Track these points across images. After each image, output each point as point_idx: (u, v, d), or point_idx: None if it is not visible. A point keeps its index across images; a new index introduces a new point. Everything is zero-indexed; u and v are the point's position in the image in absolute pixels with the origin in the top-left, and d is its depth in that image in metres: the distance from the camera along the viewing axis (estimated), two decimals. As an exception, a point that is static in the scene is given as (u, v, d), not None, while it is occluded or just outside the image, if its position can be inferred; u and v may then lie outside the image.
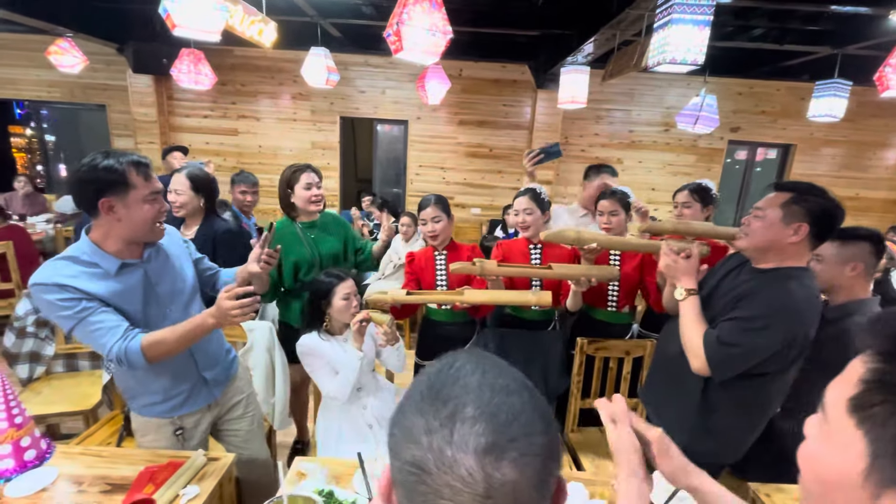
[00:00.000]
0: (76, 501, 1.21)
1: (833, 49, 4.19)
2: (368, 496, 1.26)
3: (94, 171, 1.17)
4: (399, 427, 0.41)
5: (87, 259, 1.23)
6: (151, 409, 1.41)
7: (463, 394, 0.38)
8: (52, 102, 5.71)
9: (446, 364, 0.43)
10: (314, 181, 2.03)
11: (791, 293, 1.23)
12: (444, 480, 0.36)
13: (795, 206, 1.22)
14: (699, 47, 2.16)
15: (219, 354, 1.55)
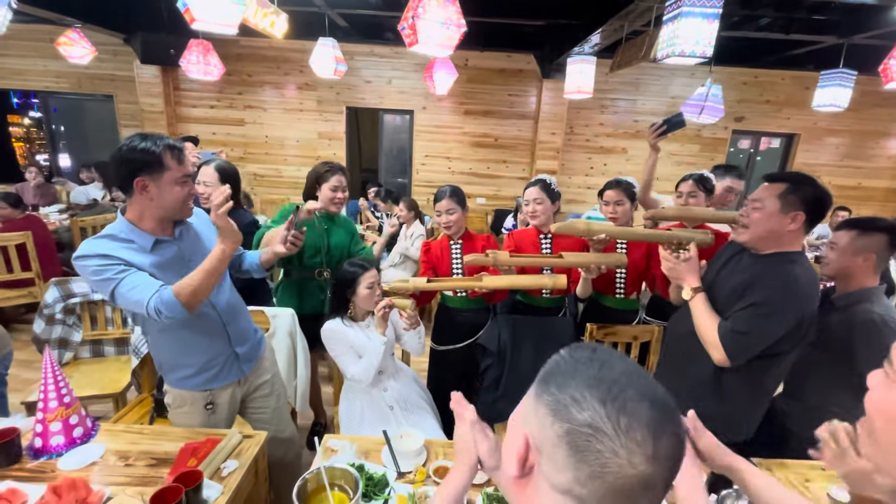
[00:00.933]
0: (125, 474, 1.30)
1: (839, 39, 4.20)
2: (396, 469, 1.35)
3: (133, 152, 1.25)
4: (566, 394, 0.47)
5: (123, 237, 1.32)
6: (186, 381, 1.50)
7: (623, 376, 0.46)
8: (59, 93, 5.74)
9: (592, 351, 0.50)
10: (342, 185, 2.09)
11: (796, 277, 1.30)
12: (621, 442, 0.43)
13: (791, 196, 1.30)
14: (708, 40, 2.20)
15: (248, 332, 1.63)
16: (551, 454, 0.47)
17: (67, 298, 2.30)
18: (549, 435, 0.47)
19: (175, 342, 1.46)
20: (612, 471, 0.43)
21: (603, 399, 0.45)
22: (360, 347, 1.77)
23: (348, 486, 1.19)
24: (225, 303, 1.52)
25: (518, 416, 0.54)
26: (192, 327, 1.44)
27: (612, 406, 0.44)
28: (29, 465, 1.30)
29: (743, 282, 1.40)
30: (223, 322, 1.51)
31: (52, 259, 3.46)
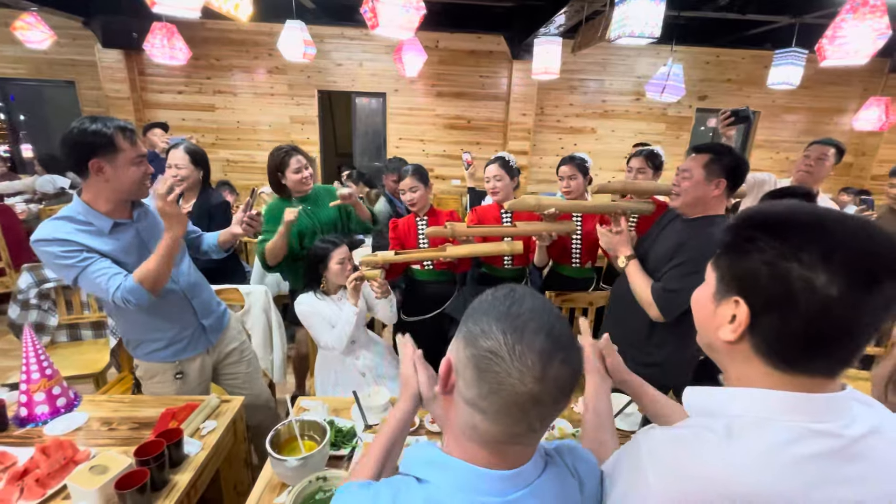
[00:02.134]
0: (109, 437, 1.39)
1: (791, 18, 4.39)
2: (364, 422, 1.48)
3: (84, 135, 1.28)
4: (477, 326, 0.56)
5: (81, 219, 1.36)
6: (155, 354, 1.59)
7: (528, 312, 0.56)
8: (17, 79, 5.54)
9: (509, 290, 0.60)
10: (302, 163, 2.11)
11: (714, 239, 1.46)
12: (514, 366, 0.53)
13: (714, 166, 1.46)
14: (655, 21, 2.32)
15: (211, 304, 1.71)
16: (463, 374, 0.57)
17: (41, 283, 2.33)
18: (462, 358, 0.58)
19: (144, 319, 1.53)
20: (506, 388, 0.53)
21: (504, 330, 0.54)
22: (332, 319, 1.88)
23: (317, 436, 1.31)
24: (186, 279, 1.60)
25: (451, 345, 0.65)
26: (158, 304, 1.50)
27: (511, 336, 0.54)
28: (16, 433, 1.39)
29: (673, 244, 1.57)
30: (188, 297, 1.59)
31: (21, 249, 3.44)
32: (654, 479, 0.54)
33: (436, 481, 0.58)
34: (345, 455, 1.34)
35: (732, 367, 0.59)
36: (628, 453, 0.62)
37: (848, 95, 5.95)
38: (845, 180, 6.24)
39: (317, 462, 1.22)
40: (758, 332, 0.54)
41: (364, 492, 0.62)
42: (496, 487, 0.57)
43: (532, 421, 0.55)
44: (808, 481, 0.50)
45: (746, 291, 0.54)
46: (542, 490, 0.59)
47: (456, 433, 0.60)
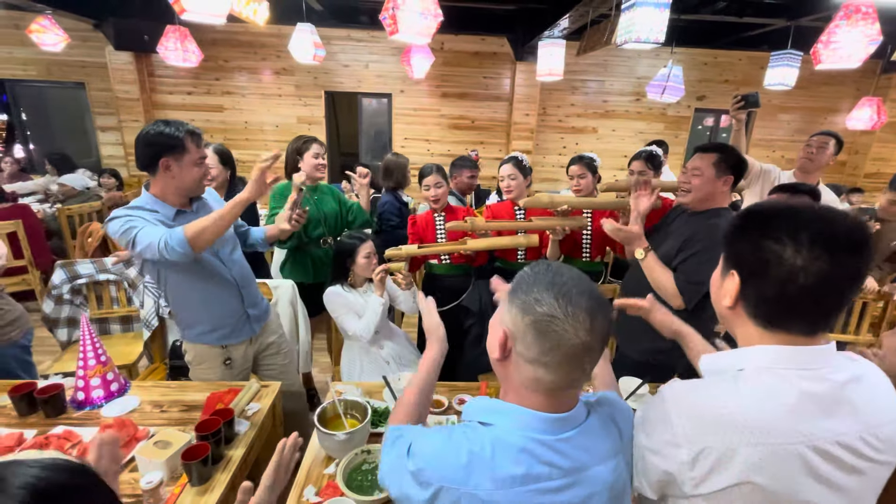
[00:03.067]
0: (162, 418, 1.50)
1: (787, 21, 4.52)
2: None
3: (159, 136, 1.44)
4: (529, 297, 0.66)
5: (149, 208, 1.50)
6: (203, 336, 1.70)
7: (570, 280, 0.67)
8: (28, 81, 5.60)
9: (546, 265, 0.71)
10: (321, 152, 2.30)
11: (720, 228, 1.59)
12: (569, 322, 0.63)
13: (723, 164, 1.58)
14: (660, 27, 2.44)
15: (258, 296, 1.84)
16: (523, 338, 0.67)
17: (74, 279, 2.43)
18: (521, 325, 0.67)
19: (196, 300, 1.65)
20: (564, 342, 0.64)
21: (556, 296, 0.65)
22: (359, 310, 1.99)
23: (358, 415, 1.43)
24: (239, 270, 1.72)
25: (495, 320, 0.75)
26: (212, 289, 1.64)
27: (562, 300, 0.65)
28: (75, 415, 1.49)
29: (682, 236, 1.69)
30: (238, 286, 1.71)
31: (42, 246, 3.53)
32: (677, 418, 0.67)
33: (498, 423, 0.70)
34: (382, 433, 1.45)
35: (737, 330, 0.73)
36: (654, 402, 0.74)
37: (841, 95, 6.11)
38: (839, 178, 6.40)
39: (361, 437, 1.33)
40: (746, 297, 0.69)
41: (439, 433, 0.73)
42: (551, 427, 0.68)
43: (585, 366, 0.67)
44: (800, 417, 0.62)
45: (737, 265, 0.69)
46: (588, 431, 0.71)
47: (516, 387, 0.71)
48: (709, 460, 0.63)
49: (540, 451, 0.66)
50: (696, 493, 0.64)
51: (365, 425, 1.33)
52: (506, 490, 0.64)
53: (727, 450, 0.62)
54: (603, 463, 0.70)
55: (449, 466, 0.67)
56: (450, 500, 0.66)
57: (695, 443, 0.64)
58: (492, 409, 0.72)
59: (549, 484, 0.65)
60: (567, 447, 0.68)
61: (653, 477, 0.70)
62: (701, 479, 0.64)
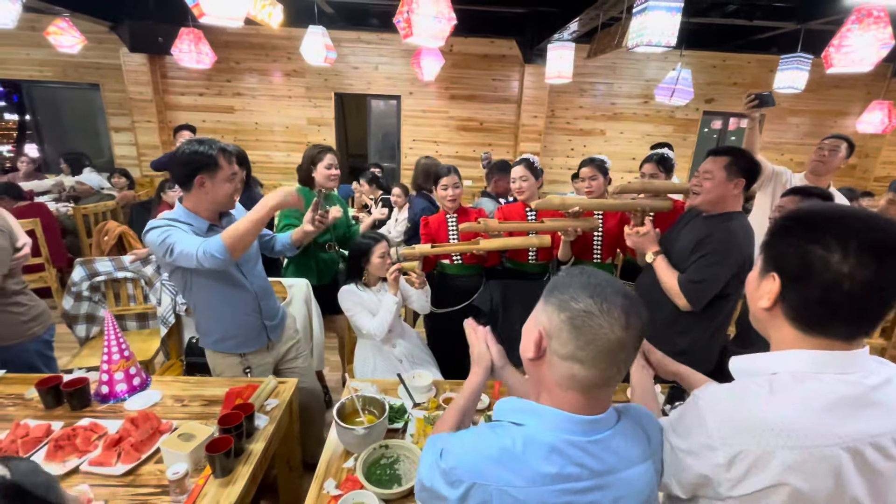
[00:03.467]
0: (183, 412, 1.54)
1: (797, 24, 4.52)
2: (412, 401, 1.62)
3: (194, 155, 1.50)
4: (566, 295, 0.69)
5: (183, 220, 1.55)
6: (220, 344, 1.74)
7: (604, 280, 0.70)
8: (44, 82, 5.70)
9: (580, 269, 0.73)
10: (334, 162, 2.33)
11: (734, 231, 1.62)
12: (605, 319, 0.66)
13: (734, 167, 1.60)
14: (672, 30, 2.46)
15: (276, 308, 1.88)
16: (558, 335, 0.69)
17: (93, 277, 2.48)
18: (556, 322, 0.69)
19: (217, 308, 1.69)
20: (600, 338, 0.66)
21: (591, 294, 0.67)
22: (373, 308, 2.02)
23: (376, 411, 1.46)
24: (259, 283, 1.77)
25: (530, 321, 0.77)
26: (233, 299, 1.68)
27: (598, 298, 0.67)
28: (99, 408, 1.53)
29: (694, 238, 1.71)
30: (258, 299, 1.75)
31: (58, 245, 3.59)
32: (712, 421, 0.67)
33: (530, 424, 0.71)
34: (399, 428, 1.48)
35: (772, 333, 0.73)
36: (688, 405, 0.74)
37: (851, 99, 6.08)
38: (849, 181, 6.37)
39: (379, 432, 1.36)
40: (786, 300, 0.69)
41: (469, 432, 0.75)
42: (583, 429, 0.70)
43: (620, 364, 0.68)
44: (835, 420, 0.63)
45: (779, 267, 0.69)
46: (618, 435, 0.72)
47: (550, 386, 0.73)
48: (745, 463, 0.64)
49: (571, 452, 0.67)
50: (732, 495, 0.65)
51: (382, 421, 1.36)
52: (537, 488, 0.65)
53: (764, 453, 0.63)
54: (631, 467, 0.71)
55: (480, 463, 0.68)
56: (481, 497, 0.67)
57: (731, 446, 0.65)
58: (523, 410, 0.74)
59: (578, 485, 0.66)
60: (598, 449, 0.69)
61: (687, 478, 0.71)
62: (737, 481, 0.64)
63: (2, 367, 1.68)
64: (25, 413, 1.48)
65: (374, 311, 2.02)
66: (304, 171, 2.35)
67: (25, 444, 1.30)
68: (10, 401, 1.54)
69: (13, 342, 1.76)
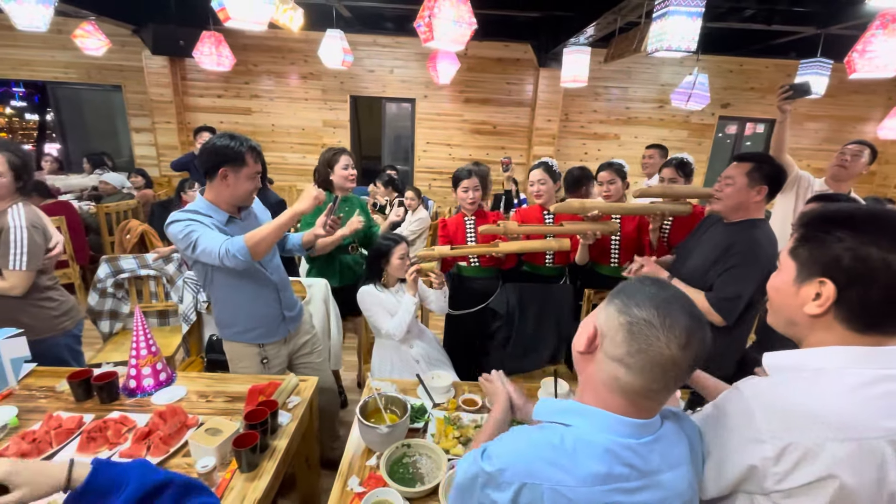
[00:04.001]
0: (208, 407, 1.57)
1: (817, 29, 4.47)
2: (432, 401, 1.64)
3: (223, 148, 1.54)
4: (631, 300, 0.69)
5: (204, 212, 1.59)
6: (241, 335, 1.78)
7: (672, 296, 0.69)
8: (68, 83, 5.84)
9: (653, 280, 0.73)
10: (350, 163, 2.34)
11: (759, 240, 1.60)
12: (664, 333, 0.65)
13: (756, 174, 1.59)
14: (692, 35, 2.46)
15: (294, 299, 1.91)
16: (613, 337, 0.69)
17: (117, 274, 2.54)
18: (614, 324, 0.69)
19: (238, 301, 1.73)
20: (653, 349, 0.66)
21: (657, 306, 0.67)
22: (391, 309, 2.04)
23: (398, 410, 1.47)
24: (279, 275, 1.81)
25: (590, 316, 0.77)
26: (254, 291, 1.72)
27: (662, 311, 0.67)
28: (127, 402, 1.57)
29: (717, 245, 1.69)
30: (278, 290, 1.79)
31: (82, 242, 3.68)
32: (760, 413, 0.68)
33: (578, 425, 0.71)
34: (419, 428, 1.50)
35: (812, 336, 0.73)
36: (731, 399, 0.75)
37: (872, 104, 5.99)
38: (868, 188, 6.26)
39: (401, 431, 1.37)
40: (843, 304, 0.68)
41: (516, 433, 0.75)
42: (633, 431, 0.69)
43: (668, 381, 0.68)
44: (880, 413, 0.64)
45: (831, 273, 0.68)
46: (664, 438, 0.72)
47: (595, 385, 0.73)
48: (794, 456, 0.64)
49: (623, 454, 0.68)
50: (778, 489, 0.66)
51: (405, 420, 1.38)
52: (588, 488, 0.66)
53: (814, 445, 0.63)
54: (675, 469, 0.71)
55: (529, 463, 0.68)
56: (532, 497, 0.67)
57: (780, 438, 0.65)
58: (570, 411, 0.74)
59: (627, 485, 0.67)
60: (646, 451, 0.69)
61: (731, 473, 0.71)
62: (785, 475, 0.65)
63: (33, 361, 1.73)
64: (57, 405, 1.52)
65: (393, 311, 2.04)
66: (322, 174, 2.36)
67: (58, 434, 1.34)
68: (42, 393, 1.58)
69: (45, 336, 1.81)
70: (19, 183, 1.73)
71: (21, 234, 1.69)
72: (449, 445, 1.39)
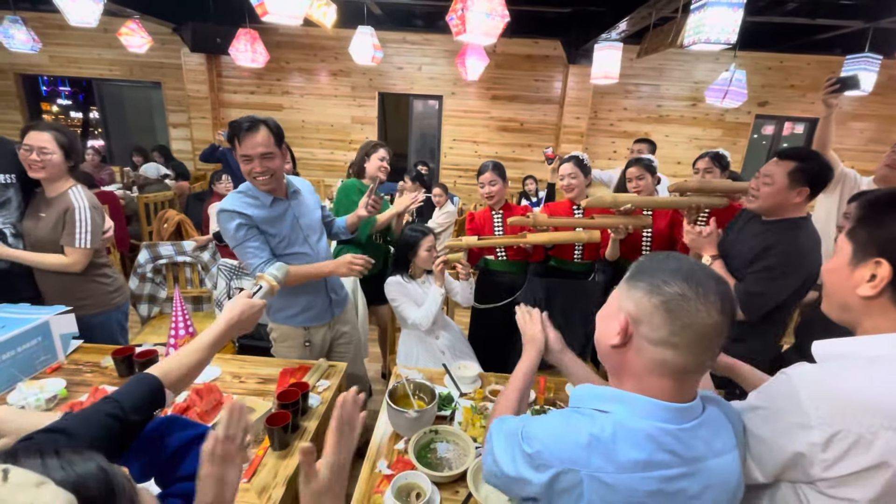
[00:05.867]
0: (241, 387, 1.61)
1: (865, 23, 4.26)
2: (459, 391, 1.64)
3: (230, 127, 1.58)
4: (656, 279, 0.67)
5: (251, 193, 1.65)
6: (291, 319, 1.83)
7: (693, 265, 0.67)
8: (112, 80, 6.11)
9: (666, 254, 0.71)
10: (387, 157, 2.42)
11: (801, 243, 1.52)
12: (702, 302, 0.63)
13: (799, 174, 1.49)
14: (732, 27, 2.37)
15: (339, 282, 1.98)
16: (650, 321, 0.66)
17: (156, 260, 2.64)
18: (647, 307, 0.66)
19: (287, 288, 1.75)
20: (697, 321, 0.63)
21: (685, 278, 0.65)
22: (418, 299, 2.06)
23: (425, 397, 1.48)
24: (325, 256, 1.85)
25: (610, 308, 0.75)
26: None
27: (692, 282, 0.65)
28: (166, 379, 1.63)
29: (756, 245, 1.60)
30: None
31: (123, 230, 3.84)
32: (809, 399, 0.65)
33: (617, 412, 0.69)
34: (447, 416, 1.50)
35: (868, 321, 0.70)
36: (777, 385, 0.72)
37: (923, 103, 5.67)
38: (917, 192, 5.93)
39: (429, 417, 1.38)
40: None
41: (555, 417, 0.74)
42: (674, 417, 0.67)
43: (714, 348, 0.66)
44: None
45: (888, 253, 0.66)
46: (706, 424, 0.70)
47: (638, 373, 0.70)
48: (844, 443, 0.62)
49: (664, 440, 0.66)
50: (825, 477, 0.64)
51: (433, 406, 1.39)
52: (628, 474, 0.64)
53: (867, 433, 0.61)
54: (719, 456, 0.69)
55: (569, 448, 0.67)
56: (570, 483, 0.66)
57: (830, 425, 0.63)
58: (609, 397, 0.72)
59: (668, 472, 0.65)
60: (688, 437, 0.67)
61: (776, 459, 0.69)
62: (833, 462, 0.63)
63: (87, 335, 1.82)
64: (102, 380, 1.60)
65: (420, 302, 2.06)
66: (358, 162, 2.44)
67: (104, 406, 1.41)
68: (89, 368, 1.66)
69: (101, 310, 1.92)
70: (70, 162, 1.82)
71: (85, 213, 1.80)
72: (476, 434, 1.40)
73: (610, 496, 0.65)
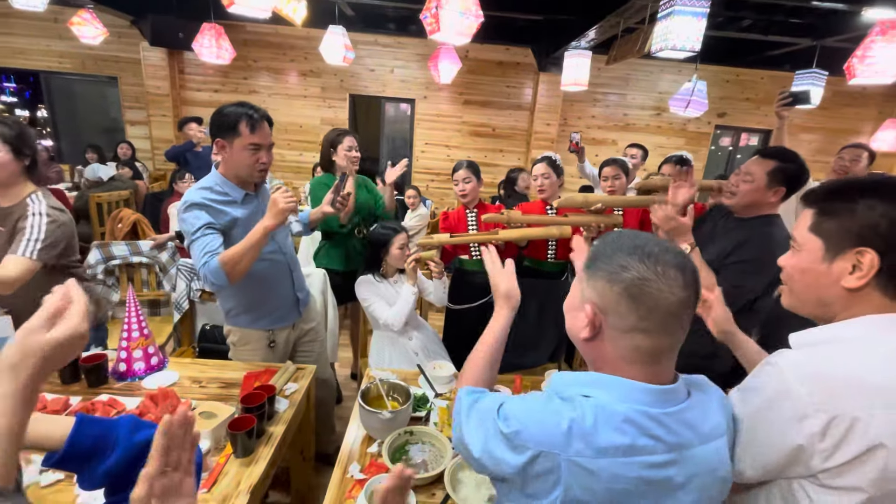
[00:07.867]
0: (201, 392, 1.51)
1: (813, 41, 4.55)
2: (434, 391, 1.59)
3: (220, 116, 1.47)
4: (613, 265, 0.64)
5: (219, 189, 1.53)
6: (256, 322, 1.71)
7: (649, 241, 0.65)
8: (63, 73, 5.75)
9: (617, 234, 0.69)
10: (354, 145, 2.34)
11: (774, 238, 1.56)
12: (663, 281, 0.61)
13: (780, 175, 1.52)
14: (696, 36, 2.47)
15: (303, 279, 1.87)
16: (615, 309, 0.64)
17: (108, 260, 2.47)
18: (610, 296, 0.64)
19: (256, 284, 1.65)
20: (663, 302, 0.62)
21: (641, 259, 0.63)
22: (390, 299, 2.00)
23: (400, 398, 1.43)
24: (291, 254, 1.75)
25: (574, 300, 0.73)
26: (271, 272, 1.67)
27: (648, 261, 0.63)
28: (116, 385, 1.50)
29: (731, 241, 1.63)
30: (290, 268, 1.73)
31: (72, 232, 3.59)
32: (800, 387, 0.64)
33: (599, 396, 0.66)
34: (422, 416, 1.45)
35: (846, 312, 0.70)
36: (764, 375, 0.71)
37: (863, 117, 6.10)
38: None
39: (404, 418, 1.33)
40: (885, 270, 0.66)
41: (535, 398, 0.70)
42: (657, 400, 0.65)
43: (685, 323, 0.65)
44: None
45: (870, 241, 0.66)
46: (692, 408, 0.68)
47: (613, 362, 0.68)
48: (840, 427, 0.61)
49: (646, 424, 0.63)
50: (826, 467, 0.62)
51: (408, 407, 1.33)
52: (609, 459, 0.62)
53: (862, 413, 0.60)
54: (707, 443, 0.67)
55: (548, 432, 0.64)
56: (545, 468, 0.63)
57: (825, 410, 0.62)
58: (590, 382, 0.68)
59: (651, 458, 0.63)
60: (672, 422, 0.65)
61: (774, 455, 0.67)
62: (833, 449, 0.62)
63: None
64: (44, 387, 1.45)
65: (391, 301, 2.00)
66: (325, 156, 2.36)
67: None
68: (27, 375, 1.51)
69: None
70: (24, 160, 1.52)
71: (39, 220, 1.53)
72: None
73: (590, 482, 0.62)
